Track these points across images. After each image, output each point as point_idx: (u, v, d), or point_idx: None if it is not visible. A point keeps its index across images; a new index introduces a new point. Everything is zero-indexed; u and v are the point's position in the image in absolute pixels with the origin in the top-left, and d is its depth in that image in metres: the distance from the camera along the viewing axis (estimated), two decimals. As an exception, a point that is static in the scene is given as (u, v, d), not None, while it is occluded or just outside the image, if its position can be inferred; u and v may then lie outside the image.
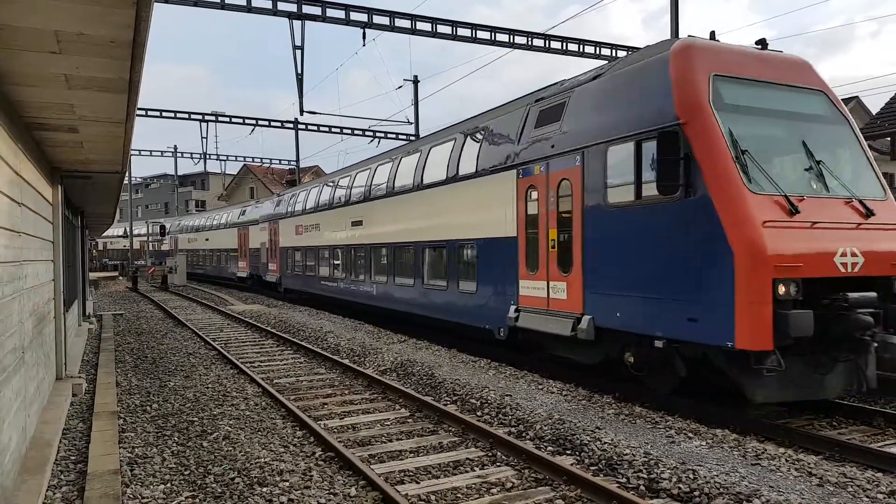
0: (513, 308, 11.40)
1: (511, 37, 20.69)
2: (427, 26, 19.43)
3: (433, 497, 5.95)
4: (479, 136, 13.30)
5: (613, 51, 22.35)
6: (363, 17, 18.65)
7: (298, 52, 19.55)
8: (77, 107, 6.08)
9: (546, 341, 10.98)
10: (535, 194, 10.96)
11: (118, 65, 4.80)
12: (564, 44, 21.74)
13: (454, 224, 13.72)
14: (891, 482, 5.87)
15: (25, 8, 3.73)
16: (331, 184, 22.82)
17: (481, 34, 20.26)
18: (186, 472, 6.64)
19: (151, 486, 6.24)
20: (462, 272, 13.42)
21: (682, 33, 18.99)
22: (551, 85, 11.76)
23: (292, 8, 17.91)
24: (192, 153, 47.12)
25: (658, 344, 8.37)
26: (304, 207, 24.96)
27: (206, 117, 33.97)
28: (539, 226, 10.79)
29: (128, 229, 56.56)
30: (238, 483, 6.29)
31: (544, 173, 10.66)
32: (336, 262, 21.47)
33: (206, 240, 43.14)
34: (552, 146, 10.53)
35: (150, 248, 57.24)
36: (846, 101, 25.87)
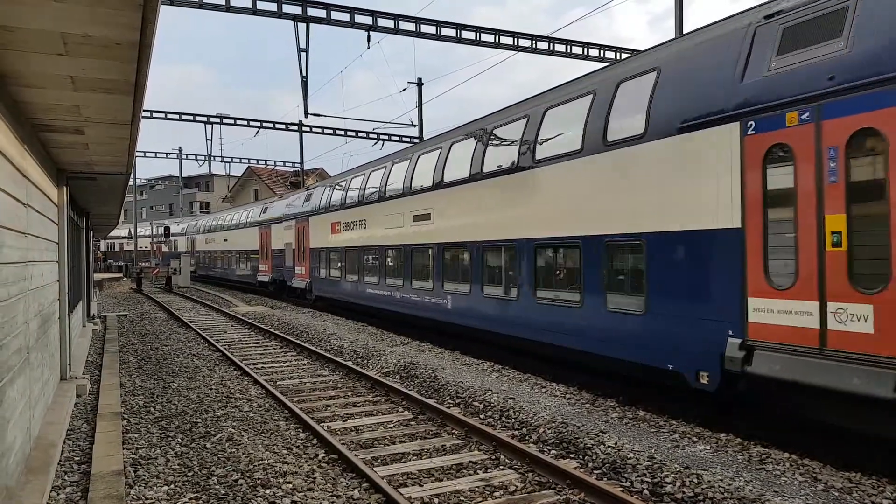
0: (734, 341, 7.40)
1: (515, 39, 20.71)
2: (431, 29, 19.46)
3: (436, 500, 5.94)
4: (642, 80, 9.18)
5: (617, 53, 22.36)
6: (368, 20, 18.69)
7: (303, 54, 19.57)
8: (83, 108, 6.10)
9: (815, 401, 6.90)
10: (785, 159, 7.08)
11: (124, 67, 4.81)
12: (568, 46, 21.75)
13: (595, 212, 9.75)
14: (896, 488, 5.84)
15: (32, 10, 3.74)
16: (382, 168, 18.49)
17: (485, 37, 20.28)
18: (190, 474, 6.65)
19: (155, 488, 6.25)
20: (612, 282, 9.55)
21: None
22: None
23: (297, 10, 17.95)
24: (196, 155, 47.21)
25: None
26: (344, 201, 20.95)
27: (211, 119, 34.07)
28: (799, 210, 6.91)
29: (147, 230, 54.70)
30: (241, 485, 6.29)
31: (811, 123, 6.82)
32: (390, 265, 17.48)
33: (225, 240, 39.54)
34: (830, 77, 6.68)
35: (166, 250, 54.21)
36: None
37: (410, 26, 19.19)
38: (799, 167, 6.92)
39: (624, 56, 22.14)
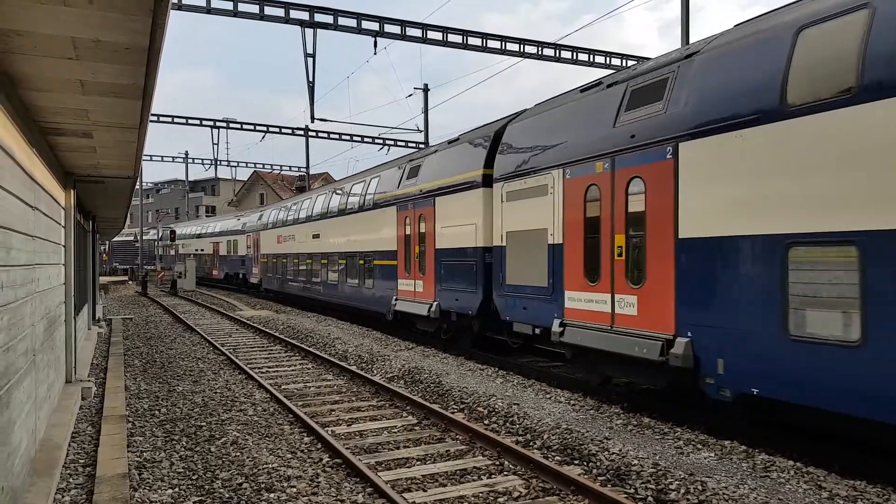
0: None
1: (521, 46, 20.76)
2: (438, 35, 19.52)
3: (440, 505, 5.93)
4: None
5: (624, 60, 22.37)
6: (375, 26, 18.77)
7: (310, 59, 19.66)
8: (91, 112, 6.15)
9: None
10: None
11: (133, 71, 4.85)
12: (575, 53, 21.79)
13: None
14: (902, 497, 5.81)
15: (43, 15, 3.78)
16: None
17: (492, 43, 20.34)
18: (194, 477, 6.66)
19: (159, 491, 6.26)
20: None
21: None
22: None
23: (304, 16, 18.04)
24: (203, 159, 47.62)
25: None
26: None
27: (218, 123, 34.26)
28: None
29: (191, 229, 50.27)
30: (246, 488, 6.30)
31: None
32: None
33: (315, 236, 24.34)
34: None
35: (226, 253, 42.18)
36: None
37: (417, 32, 19.26)
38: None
39: (630, 63, 22.17)
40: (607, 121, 9.36)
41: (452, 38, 19.77)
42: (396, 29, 19.06)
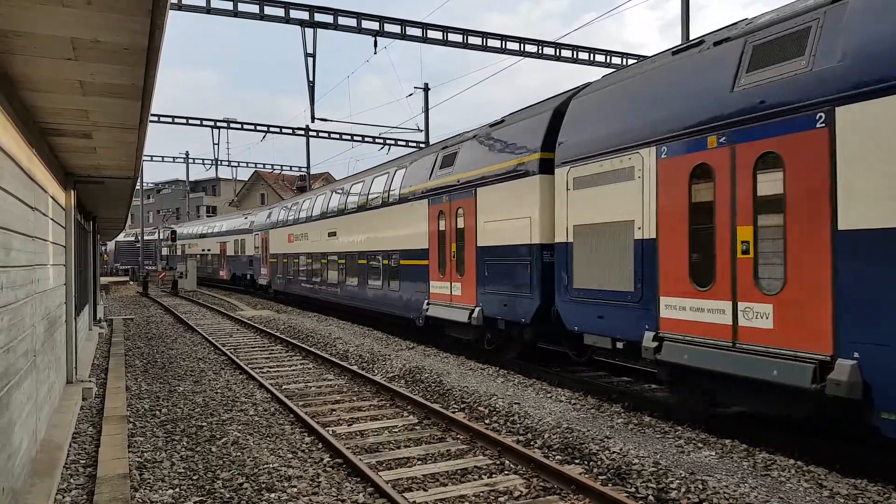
0: None
1: (521, 45, 20.75)
2: (438, 34, 19.51)
3: (441, 505, 5.93)
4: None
5: (623, 59, 22.37)
6: (375, 26, 18.76)
7: (310, 59, 19.65)
8: (91, 112, 6.15)
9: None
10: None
11: (132, 71, 4.85)
12: (575, 52, 21.78)
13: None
14: (903, 495, 5.80)
15: (43, 16, 3.78)
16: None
17: (492, 42, 20.33)
18: (195, 477, 6.66)
19: (160, 491, 6.26)
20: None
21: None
22: None
23: (304, 16, 18.04)
24: (203, 159, 47.61)
25: None
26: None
27: (218, 124, 34.27)
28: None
29: (214, 227, 44.71)
30: (246, 488, 6.30)
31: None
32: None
33: (331, 235, 22.52)
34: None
35: (234, 253, 39.37)
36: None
37: (417, 32, 19.25)
38: None
39: (631, 61, 22.16)
40: (721, 85, 7.63)
41: (452, 37, 19.76)
42: (396, 28, 19.06)
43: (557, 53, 21.44)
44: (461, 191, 13.56)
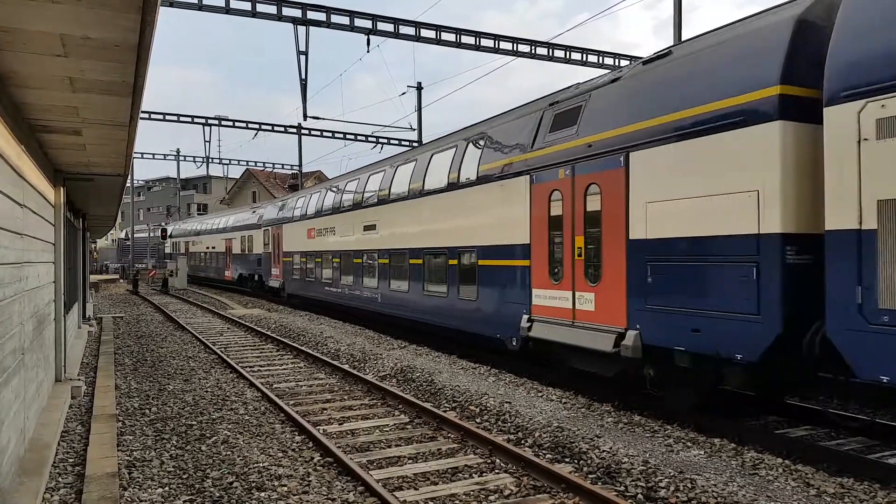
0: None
1: (515, 45, 20.78)
2: (431, 33, 19.51)
3: (431, 503, 5.94)
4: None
5: (616, 59, 22.44)
6: (367, 24, 18.74)
7: (303, 57, 19.61)
8: (81, 109, 6.12)
9: None
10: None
11: (123, 68, 4.83)
12: (567, 52, 21.83)
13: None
14: (888, 493, 5.86)
15: (32, 11, 3.76)
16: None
17: (485, 42, 20.35)
18: (185, 476, 6.64)
19: (149, 490, 6.24)
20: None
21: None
22: None
23: (297, 13, 18.00)
24: (194, 157, 47.30)
25: None
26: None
27: (210, 121, 34.12)
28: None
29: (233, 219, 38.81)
30: (236, 487, 6.29)
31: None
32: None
33: (369, 228, 18.78)
34: None
35: (240, 251, 35.46)
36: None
37: (410, 30, 19.25)
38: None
39: (623, 62, 22.22)
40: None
41: (446, 36, 19.76)
42: (389, 27, 19.05)
43: (550, 53, 21.49)
44: (595, 160, 9.61)
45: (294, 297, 26.30)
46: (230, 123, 34.28)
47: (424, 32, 19.42)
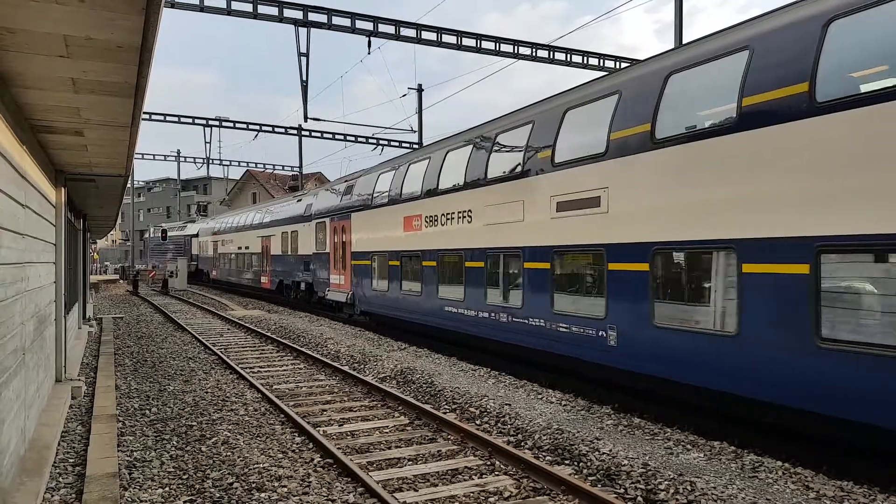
0: None
1: (515, 47, 20.79)
2: (432, 36, 19.53)
3: (431, 505, 5.94)
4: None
5: (617, 62, 22.45)
6: (369, 26, 18.76)
7: (304, 58, 19.63)
8: (83, 110, 6.13)
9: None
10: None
11: (125, 69, 4.84)
12: (569, 55, 21.85)
13: None
14: (888, 497, 5.86)
15: (36, 13, 3.77)
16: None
17: (486, 44, 20.36)
18: (185, 477, 6.64)
19: (150, 490, 6.25)
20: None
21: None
22: None
23: (298, 15, 18.03)
24: (195, 158, 47.30)
25: None
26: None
27: (210, 122, 34.14)
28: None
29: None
30: (237, 488, 6.29)
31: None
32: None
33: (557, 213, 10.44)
34: None
35: (280, 252, 28.15)
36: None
37: (411, 32, 19.27)
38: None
39: (624, 65, 22.24)
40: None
41: (447, 38, 19.78)
42: (391, 29, 19.07)
43: (551, 56, 21.50)
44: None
45: (374, 316, 18.84)
46: (231, 124, 34.31)
47: (425, 34, 19.44)
